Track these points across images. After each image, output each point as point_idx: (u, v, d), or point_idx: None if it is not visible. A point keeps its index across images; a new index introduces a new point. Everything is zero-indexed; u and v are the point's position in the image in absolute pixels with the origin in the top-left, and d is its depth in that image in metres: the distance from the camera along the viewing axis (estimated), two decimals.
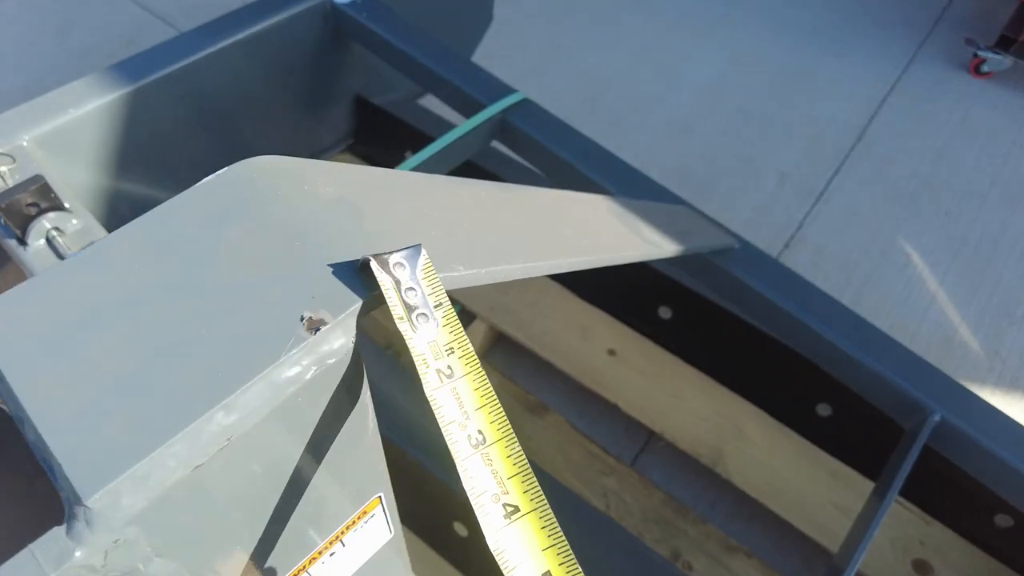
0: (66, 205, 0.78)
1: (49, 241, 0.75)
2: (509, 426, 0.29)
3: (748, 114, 1.94)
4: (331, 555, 0.49)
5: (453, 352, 0.31)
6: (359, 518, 0.50)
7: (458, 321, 0.32)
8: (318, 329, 0.35)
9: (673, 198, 1.04)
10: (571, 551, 0.27)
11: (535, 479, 0.28)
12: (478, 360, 0.31)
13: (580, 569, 0.27)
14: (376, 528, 0.53)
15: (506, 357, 1.37)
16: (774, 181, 1.78)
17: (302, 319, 0.36)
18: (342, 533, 0.49)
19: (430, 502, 0.96)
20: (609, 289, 1.34)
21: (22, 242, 0.74)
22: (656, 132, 1.88)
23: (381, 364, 1.16)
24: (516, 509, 0.26)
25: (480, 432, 0.28)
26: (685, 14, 2.21)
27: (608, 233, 0.70)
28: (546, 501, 0.28)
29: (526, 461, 0.29)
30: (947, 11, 2.27)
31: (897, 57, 2.14)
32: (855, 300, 1.57)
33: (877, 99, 2.01)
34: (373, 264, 0.33)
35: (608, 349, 1.30)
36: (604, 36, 2.13)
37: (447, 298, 0.32)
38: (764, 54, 2.12)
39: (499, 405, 0.30)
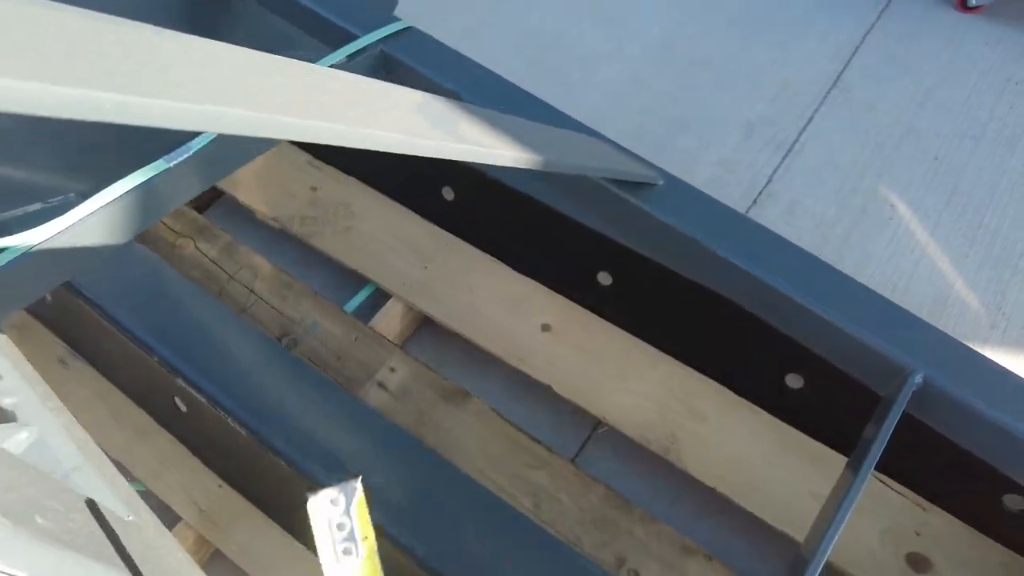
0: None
1: None
2: None
3: (708, 64, 1.75)
4: None
5: None
6: None
7: (376, 550, 0.33)
8: None
9: (595, 135, 0.86)
10: None
11: None
12: None
13: None
14: None
15: (425, 341, 1.19)
16: (739, 134, 1.59)
17: None
18: None
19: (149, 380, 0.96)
20: (542, 256, 1.15)
21: None
22: (606, 90, 1.70)
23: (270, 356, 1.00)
24: None
25: None
26: None
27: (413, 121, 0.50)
28: None
29: None
30: None
31: None
32: (834, 260, 1.37)
33: (854, 41, 1.82)
34: (311, 504, 0.34)
35: (542, 324, 1.12)
36: None
37: (372, 529, 0.34)
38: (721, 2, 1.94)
39: None
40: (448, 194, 1.20)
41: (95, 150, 0.86)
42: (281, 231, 1.26)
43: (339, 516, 0.31)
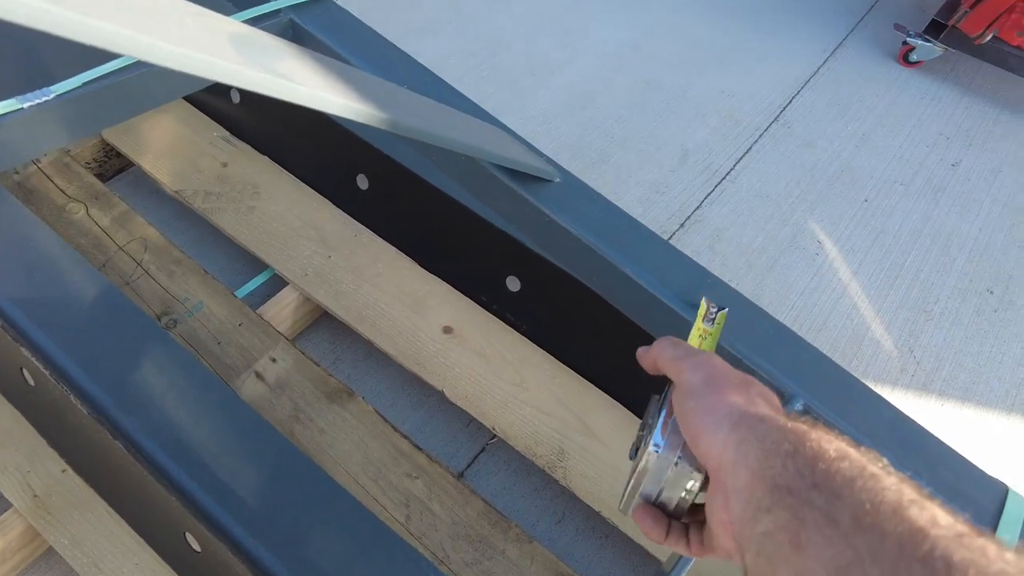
0: None
1: None
2: None
3: (657, 87, 1.75)
4: None
5: None
6: None
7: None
8: None
9: (499, 125, 0.82)
10: None
11: None
12: None
13: None
14: None
15: (322, 334, 1.12)
16: (675, 157, 1.58)
17: None
18: None
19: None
20: (453, 256, 1.11)
21: None
22: (554, 99, 1.67)
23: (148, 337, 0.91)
24: None
25: None
26: None
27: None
28: None
29: None
30: None
31: (825, 42, 1.98)
32: (756, 289, 1.36)
33: (800, 81, 1.84)
34: (706, 299, 0.48)
35: (444, 326, 1.06)
36: None
37: (713, 348, 0.45)
38: (683, 27, 1.94)
39: None
40: (363, 183, 1.15)
41: None
42: (182, 205, 1.18)
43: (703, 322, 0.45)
